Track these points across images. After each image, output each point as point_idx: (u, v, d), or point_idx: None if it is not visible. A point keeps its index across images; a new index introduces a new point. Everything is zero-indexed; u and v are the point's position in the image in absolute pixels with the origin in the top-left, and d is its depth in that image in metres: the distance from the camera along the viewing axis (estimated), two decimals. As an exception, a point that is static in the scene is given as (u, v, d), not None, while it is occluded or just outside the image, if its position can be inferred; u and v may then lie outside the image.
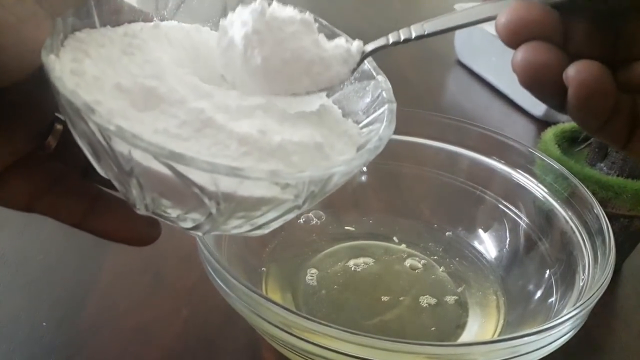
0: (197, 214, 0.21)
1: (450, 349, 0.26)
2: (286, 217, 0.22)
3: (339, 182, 0.22)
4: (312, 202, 0.22)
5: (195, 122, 0.20)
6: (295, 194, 0.20)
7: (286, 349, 0.27)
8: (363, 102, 0.26)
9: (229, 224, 0.22)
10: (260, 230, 0.23)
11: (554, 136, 0.41)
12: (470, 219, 0.41)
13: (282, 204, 0.21)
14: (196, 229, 0.22)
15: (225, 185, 0.19)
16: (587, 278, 0.31)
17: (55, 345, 0.32)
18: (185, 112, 0.20)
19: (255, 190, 0.20)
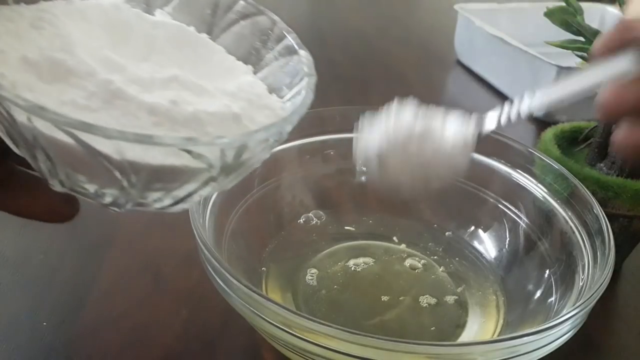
0: (111, 189, 0.21)
1: (450, 349, 0.26)
2: (205, 189, 0.22)
3: (257, 154, 0.22)
4: (229, 175, 0.21)
5: (104, 94, 0.19)
6: (208, 162, 0.20)
7: (286, 348, 0.27)
8: (287, 77, 0.26)
9: (148, 197, 0.21)
10: (182, 204, 0.22)
11: (554, 136, 0.41)
12: (470, 219, 0.41)
13: (197, 175, 0.20)
14: (115, 205, 0.22)
15: (132, 155, 0.19)
16: (586, 278, 0.31)
17: (56, 345, 0.33)
18: (95, 84, 0.20)
19: (164, 158, 0.19)
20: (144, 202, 0.22)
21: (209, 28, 0.27)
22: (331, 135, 0.41)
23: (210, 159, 0.20)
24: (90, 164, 0.19)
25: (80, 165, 0.20)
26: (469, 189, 0.41)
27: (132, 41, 0.24)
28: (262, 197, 0.39)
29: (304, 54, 0.25)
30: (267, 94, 0.25)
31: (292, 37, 0.26)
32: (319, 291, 0.36)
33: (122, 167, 0.19)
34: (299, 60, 0.25)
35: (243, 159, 0.21)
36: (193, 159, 0.19)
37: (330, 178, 0.42)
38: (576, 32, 0.39)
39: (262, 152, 0.22)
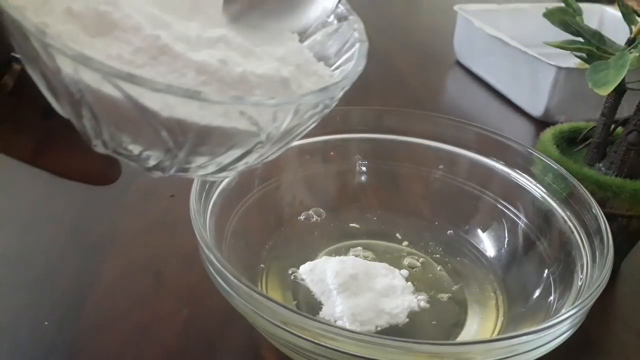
0: (156, 150, 0.20)
1: (449, 348, 0.26)
2: (250, 157, 0.21)
3: (306, 121, 0.21)
4: (275, 143, 0.21)
5: (150, 49, 0.19)
6: (257, 125, 0.19)
7: (287, 348, 0.28)
8: (335, 45, 0.25)
9: (193, 162, 0.21)
10: (225, 172, 0.22)
11: (553, 136, 0.41)
12: (469, 219, 0.41)
13: (244, 139, 0.20)
14: (158, 168, 0.21)
15: (180, 113, 0.18)
16: (585, 278, 0.31)
17: (56, 345, 0.33)
18: (141, 39, 0.19)
19: (212, 119, 0.18)
20: (187, 167, 0.21)
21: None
22: (331, 136, 0.41)
23: (260, 121, 0.19)
24: (136, 121, 0.18)
25: (126, 124, 0.19)
26: (468, 189, 0.41)
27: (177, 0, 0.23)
28: (263, 197, 0.39)
29: (354, 19, 0.24)
30: (314, 61, 0.24)
31: (341, 3, 0.25)
32: (319, 291, 0.36)
33: (170, 125, 0.18)
34: (349, 26, 0.24)
35: (292, 125, 0.20)
36: (243, 120, 0.19)
37: (331, 178, 0.43)
38: (575, 33, 0.39)
39: (310, 119, 0.21)
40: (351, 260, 0.37)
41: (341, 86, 0.21)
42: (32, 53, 0.18)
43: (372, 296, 0.34)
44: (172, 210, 0.44)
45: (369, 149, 0.42)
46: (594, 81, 0.34)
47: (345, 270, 0.35)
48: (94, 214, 0.44)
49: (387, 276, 0.36)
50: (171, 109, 0.18)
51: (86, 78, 0.17)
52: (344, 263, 0.36)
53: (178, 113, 0.18)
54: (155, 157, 0.20)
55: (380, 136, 0.42)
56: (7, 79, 0.23)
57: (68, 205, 0.45)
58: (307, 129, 0.22)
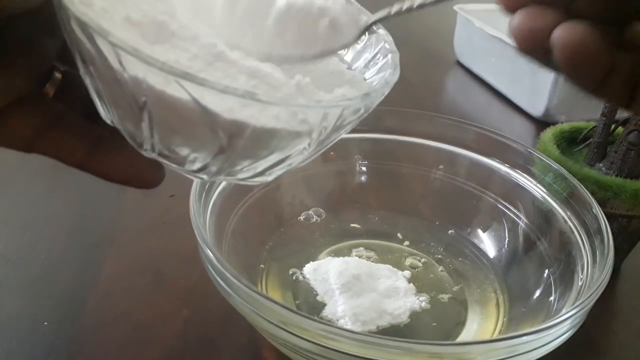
0: (205, 152, 0.20)
1: (450, 348, 0.26)
2: (291, 160, 0.22)
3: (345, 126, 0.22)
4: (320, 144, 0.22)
5: (207, 56, 0.20)
6: (308, 127, 0.20)
7: (286, 347, 0.28)
8: (364, 56, 0.26)
9: (237, 166, 0.21)
10: (264, 176, 0.23)
11: (553, 136, 0.41)
12: (469, 219, 0.41)
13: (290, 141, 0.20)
14: (203, 171, 0.22)
15: (240, 114, 0.19)
16: (585, 278, 0.31)
17: (56, 345, 0.33)
18: (198, 47, 0.20)
19: (267, 121, 0.19)
20: (231, 171, 0.22)
21: None
22: (331, 136, 0.41)
23: (309, 122, 0.20)
24: (194, 122, 0.19)
25: (183, 125, 0.20)
26: (469, 189, 0.41)
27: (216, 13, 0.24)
28: (263, 197, 0.39)
29: (383, 32, 0.26)
30: (349, 71, 0.25)
31: (368, 17, 0.26)
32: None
33: (228, 127, 0.19)
34: (378, 38, 0.25)
35: (333, 129, 0.21)
36: (292, 122, 0.20)
37: (331, 178, 0.43)
38: (575, 33, 0.39)
39: (349, 124, 0.22)
40: (355, 261, 0.37)
41: (381, 92, 0.22)
42: (96, 56, 0.18)
43: (375, 297, 0.34)
44: (172, 210, 0.44)
45: (369, 149, 0.42)
46: (595, 81, 0.34)
47: (349, 271, 0.35)
48: (93, 214, 0.44)
49: (390, 278, 0.36)
50: (232, 112, 0.19)
51: (151, 80, 0.18)
52: (347, 264, 0.36)
53: (238, 115, 0.19)
54: (202, 159, 0.21)
55: (380, 136, 0.42)
56: (48, 87, 0.23)
57: (68, 205, 0.45)
58: (342, 134, 0.23)
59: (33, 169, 0.47)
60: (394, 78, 0.23)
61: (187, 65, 0.19)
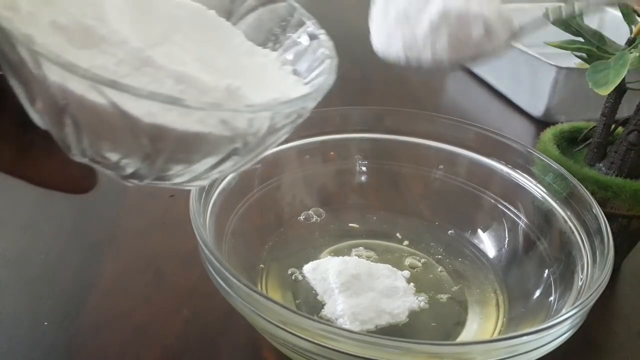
0: (134, 157, 0.20)
1: (450, 348, 0.26)
2: (225, 165, 0.22)
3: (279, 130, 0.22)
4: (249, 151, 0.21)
5: (134, 61, 0.19)
6: (234, 131, 0.20)
7: (286, 348, 0.28)
8: (306, 61, 0.26)
9: (169, 171, 0.21)
10: (200, 181, 0.23)
11: (553, 136, 0.41)
12: (469, 219, 0.41)
13: (221, 146, 0.20)
14: (135, 177, 0.22)
15: (162, 119, 0.19)
16: (585, 278, 0.31)
17: (56, 345, 0.33)
18: (125, 52, 0.20)
19: (191, 125, 0.19)
20: (164, 175, 0.22)
21: (228, 15, 0.27)
22: (331, 136, 0.41)
23: (236, 127, 0.20)
24: (117, 128, 0.19)
25: (107, 131, 0.20)
26: (468, 189, 0.41)
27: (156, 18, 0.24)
28: (263, 197, 0.39)
29: (323, 37, 0.26)
30: (288, 75, 0.25)
31: (311, 23, 0.26)
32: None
33: (150, 131, 0.19)
34: (319, 44, 0.25)
35: (266, 133, 0.21)
36: (220, 126, 0.19)
37: (331, 178, 0.43)
38: (575, 33, 0.39)
39: (283, 129, 0.22)
40: (354, 260, 0.37)
41: (313, 97, 0.22)
42: (18, 62, 0.18)
43: (374, 296, 0.34)
44: (172, 210, 0.44)
45: (369, 148, 0.42)
46: (594, 81, 0.34)
47: (348, 270, 0.35)
48: (93, 214, 0.44)
49: (389, 277, 0.36)
50: (153, 116, 0.18)
51: (71, 86, 0.18)
52: (346, 263, 0.36)
53: (159, 120, 0.19)
54: (132, 164, 0.21)
55: (380, 136, 0.42)
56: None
57: (68, 205, 0.45)
58: (279, 139, 0.23)
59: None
60: (328, 84, 0.23)
61: (113, 70, 0.19)
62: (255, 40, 0.27)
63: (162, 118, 0.19)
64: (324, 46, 0.25)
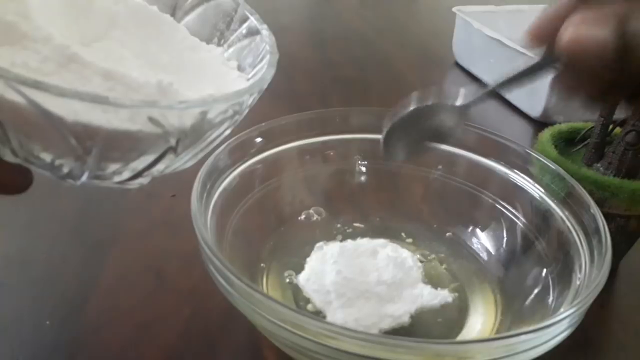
0: (67, 158, 0.20)
1: (449, 347, 0.26)
2: (163, 162, 0.21)
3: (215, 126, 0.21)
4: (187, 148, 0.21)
5: (59, 58, 0.19)
6: (164, 128, 0.19)
7: (287, 347, 0.28)
8: (250, 56, 0.26)
9: (106, 169, 0.21)
10: (141, 178, 0.22)
11: (551, 137, 0.42)
12: (468, 219, 0.41)
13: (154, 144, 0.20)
14: (71, 177, 0.21)
15: (86, 118, 0.18)
16: (583, 277, 0.31)
17: (58, 344, 0.33)
18: (50, 49, 0.19)
19: (119, 123, 0.19)
20: (102, 175, 0.21)
21: (172, 10, 0.27)
22: (331, 136, 0.42)
23: (166, 124, 0.19)
24: (43, 128, 0.18)
25: (34, 131, 0.19)
26: (467, 189, 0.41)
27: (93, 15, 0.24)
28: (263, 197, 0.39)
29: (265, 33, 0.26)
30: (231, 71, 0.25)
31: (255, 18, 0.26)
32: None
33: (76, 130, 0.18)
34: (262, 39, 0.25)
35: (200, 129, 0.20)
36: (149, 124, 0.19)
37: (331, 178, 0.43)
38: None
39: (222, 125, 0.21)
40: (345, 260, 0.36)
41: (249, 92, 0.21)
42: None
43: (375, 301, 0.34)
44: (173, 210, 0.44)
45: (369, 149, 0.43)
46: (592, 82, 0.35)
47: (342, 274, 0.35)
48: (95, 214, 0.45)
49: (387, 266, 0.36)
50: (76, 114, 0.18)
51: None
52: (337, 264, 0.36)
53: (84, 118, 0.18)
54: (67, 165, 0.20)
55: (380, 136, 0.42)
56: None
57: (69, 205, 0.45)
58: (220, 135, 0.22)
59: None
60: (265, 79, 0.23)
61: (36, 68, 0.18)
62: (200, 36, 0.26)
63: (87, 116, 0.18)
64: (265, 42, 0.25)
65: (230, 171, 0.36)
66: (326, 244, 0.39)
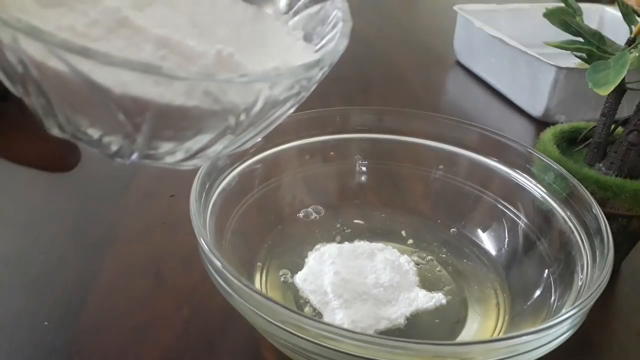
0: (116, 135, 0.18)
1: (449, 348, 0.26)
2: (221, 143, 0.19)
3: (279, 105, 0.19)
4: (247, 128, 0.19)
5: (109, 22, 0.17)
6: (222, 105, 0.17)
7: (287, 348, 0.28)
8: (319, 25, 0.23)
9: (158, 148, 0.19)
10: (196, 159, 0.20)
11: (553, 136, 0.41)
12: (469, 219, 0.41)
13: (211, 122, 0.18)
14: (120, 155, 0.19)
15: (136, 90, 0.16)
16: (585, 278, 0.31)
17: (57, 345, 0.33)
18: (99, 11, 0.17)
19: (174, 97, 0.17)
20: (153, 154, 0.19)
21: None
22: (331, 136, 0.41)
23: (225, 100, 0.17)
24: (89, 101, 0.17)
25: (79, 103, 0.17)
26: (468, 189, 0.41)
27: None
28: (263, 197, 0.39)
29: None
30: (297, 42, 0.23)
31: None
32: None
33: (124, 105, 0.16)
34: (333, 5, 0.23)
35: (264, 107, 0.18)
36: (207, 99, 0.17)
37: (331, 178, 0.43)
38: (575, 33, 0.39)
39: (286, 103, 0.19)
40: (342, 261, 0.36)
41: (319, 65, 0.19)
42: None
43: (372, 303, 0.34)
44: (172, 210, 0.44)
45: (369, 149, 0.42)
46: (594, 81, 0.34)
47: (340, 275, 0.35)
48: (93, 214, 0.45)
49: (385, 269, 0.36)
50: (125, 86, 0.16)
51: (29, 49, 0.16)
52: (334, 265, 0.35)
53: (133, 91, 0.16)
54: (116, 142, 0.19)
55: (380, 136, 0.42)
56: None
57: (68, 205, 0.45)
58: (283, 114, 0.20)
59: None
60: (337, 50, 0.20)
61: (83, 32, 0.17)
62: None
63: (137, 89, 0.16)
64: (337, 7, 0.23)
65: (229, 171, 0.36)
66: (324, 245, 0.38)
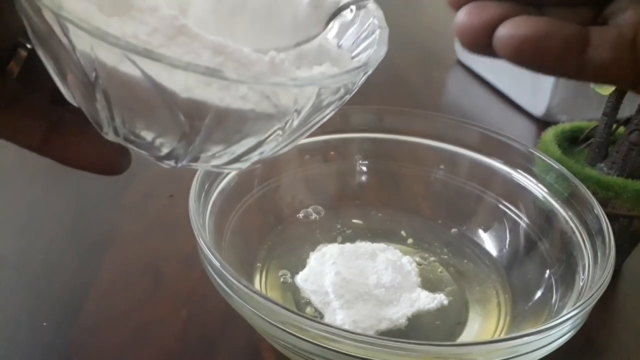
0: (170, 136, 0.19)
1: (450, 349, 0.26)
2: (267, 146, 0.20)
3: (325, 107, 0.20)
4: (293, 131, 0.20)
5: (168, 30, 0.18)
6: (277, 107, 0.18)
7: (286, 349, 0.27)
8: (353, 33, 0.24)
9: (207, 151, 0.20)
10: (239, 163, 0.21)
11: (554, 136, 0.41)
12: (470, 219, 0.41)
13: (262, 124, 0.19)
14: (171, 157, 0.20)
15: (200, 93, 0.17)
16: (587, 278, 0.31)
17: (56, 345, 0.33)
18: (158, 20, 0.18)
19: (232, 101, 0.18)
20: (201, 157, 0.20)
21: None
22: (331, 135, 0.41)
23: (279, 104, 0.18)
24: (152, 103, 0.18)
25: (141, 107, 0.18)
26: (469, 189, 0.41)
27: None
28: (262, 197, 0.39)
29: (372, 7, 0.24)
30: (335, 48, 0.24)
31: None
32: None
33: (188, 107, 0.18)
34: (367, 13, 0.24)
35: (311, 111, 0.19)
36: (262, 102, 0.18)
37: (331, 178, 0.43)
38: (576, 32, 0.39)
39: (329, 107, 0.20)
40: (343, 261, 0.36)
41: (363, 70, 0.20)
42: (46, 30, 0.17)
43: (373, 303, 0.33)
44: (171, 210, 0.44)
45: (369, 148, 0.42)
46: (596, 80, 0.34)
47: (340, 275, 0.34)
48: (92, 214, 0.44)
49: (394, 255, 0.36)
50: (190, 90, 0.17)
51: (102, 55, 0.17)
52: (336, 265, 0.35)
53: (197, 95, 0.17)
54: (168, 144, 0.20)
55: (381, 136, 0.42)
56: (12, 64, 0.22)
57: (67, 205, 0.45)
58: (324, 117, 0.21)
59: (32, 168, 0.47)
60: (378, 56, 0.21)
61: (146, 40, 0.18)
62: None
63: (200, 93, 0.17)
64: (372, 16, 0.23)
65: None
66: (325, 246, 0.38)
